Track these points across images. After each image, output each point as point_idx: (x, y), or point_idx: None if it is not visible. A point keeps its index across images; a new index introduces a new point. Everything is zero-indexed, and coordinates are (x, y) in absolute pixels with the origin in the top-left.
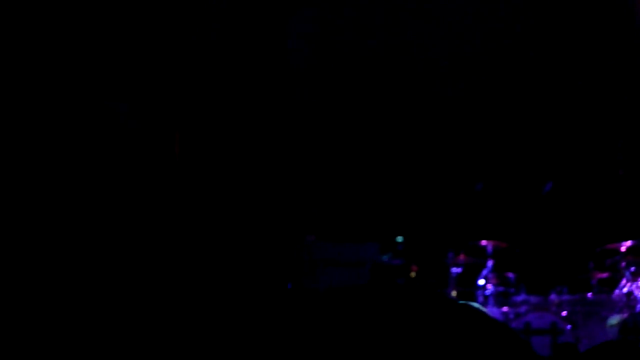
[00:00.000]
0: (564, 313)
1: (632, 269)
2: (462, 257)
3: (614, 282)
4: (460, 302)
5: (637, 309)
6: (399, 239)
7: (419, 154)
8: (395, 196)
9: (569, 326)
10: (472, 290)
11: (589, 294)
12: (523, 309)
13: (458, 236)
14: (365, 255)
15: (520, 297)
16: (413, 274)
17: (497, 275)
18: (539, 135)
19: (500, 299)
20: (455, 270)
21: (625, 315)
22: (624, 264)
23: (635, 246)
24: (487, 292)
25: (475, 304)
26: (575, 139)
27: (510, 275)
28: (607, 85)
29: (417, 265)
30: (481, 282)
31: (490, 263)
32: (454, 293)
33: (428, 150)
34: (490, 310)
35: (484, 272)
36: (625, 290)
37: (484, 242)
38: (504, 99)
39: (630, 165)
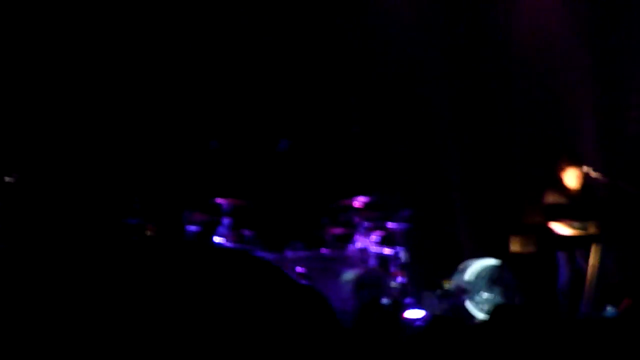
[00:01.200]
0: (300, 269)
1: (366, 224)
2: (198, 215)
3: (349, 238)
4: None
5: (371, 264)
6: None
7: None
8: (128, 155)
9: (305, 281)
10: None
11: (324, 250)
12: None
13: (194, 194)
14: None
15: (258, 254)
16: (149, 233)
17: (234, 232)
18: (274, 92)
19: None
20: (191, 228)
21: (360, 270)
22: (357, 219)
23: (369, 202)
24: None
25: None
26: (308, 96)
27: (247, 232)
28: (335, 43)
29: (153, 224)
30: (218, 239)
31: (226, 220)
32: None
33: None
34: None
35: (221, 229)
36: (359, 245)
37: (219, 200)
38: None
39: (364, 123)
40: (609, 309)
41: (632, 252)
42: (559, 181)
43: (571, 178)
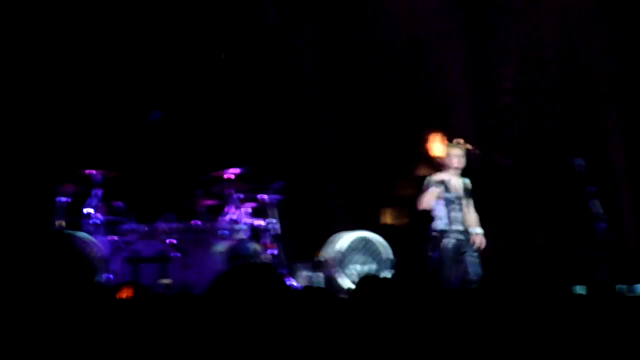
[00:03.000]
0: (172, 241)
1: (238, 196)
2: (69, 186)
3: (220, 210)
4: (67, 231)
5: (243, 236)
6: None
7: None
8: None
9: (177, 254)
10: (79, 220)
11: (196, 222)
12: (131, 237)
13: (64, 165)
14: None
15: (129, 226)
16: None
17: (106, 204)
18: (145, 63)
19: (109, 227)
20: (61, 199)
21: (232, 242)
22: (229, 191)
23: (241, 174)
24: (96, 221)
25: (82, 234)
26: (179, 66)
27: (119, 203)
28: (207, 13)
29: (21, 195)
30: (89, 211)
31: (98, 192)
32: (61, 223)
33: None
34: (99, 240)
35: (92, 201)
36: (231, 217)
37: (90, 171)
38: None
39: (235, 94)
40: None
41: (505, 223)
42: (428, 154)
43: (443, 151)
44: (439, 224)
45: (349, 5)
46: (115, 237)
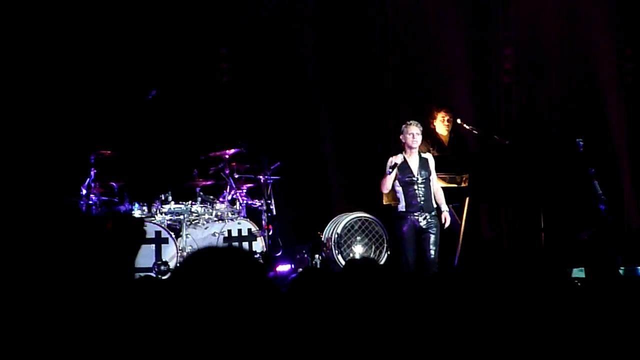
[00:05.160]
0: (168, 222)
1: (236, 176)
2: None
3: (219, 190)
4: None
5: (242, 216)
6: None
7: None
8: None
9: (172, 235)
10: (77, 200)
11: (194, 203)
12: None
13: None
14: None
15: (123, 207)
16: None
17: (100, 184)
18: (141, 42)
19: (103, 208)
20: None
21: (230, 223)
22: (228, 171)
23: (238, 153)
24: (91, 202)
25: None
26: (177, 46)
27: (114, 184)
28: None
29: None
30: (84, 191)
31: (93, 172)
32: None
33: None
34: None
35: (87, 180)
36: (229, 198)
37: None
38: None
39: (233, 73)
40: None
41: (503, 206)
42: (432, 133)
43: (441, 126)
44: (399, 206)
45: None
46: None
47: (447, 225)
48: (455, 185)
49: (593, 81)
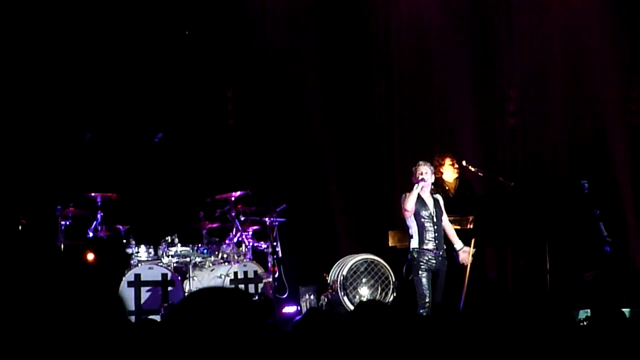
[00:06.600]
0: (174, 264)
1: (242, 218)
2: (71, 209)
3: (225, 232)
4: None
5: (248, 259)
6: None
7: None
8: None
9: (179, 277)
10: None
11: (200, 245)
12: (133, 261)
13: (67, 188)
14: None
15: (130, 249)
16: (21, 227)
17: (107, 227)
18: (148, 85)
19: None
20: (64, 222)
21: (236, 265)
22: (234, 213)
23: (244, 196)
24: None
25: None
26: (184, 89)
27: (120, 227)
28: (212, 37)
29: (25, 217)
30: (91, 234)
31: (99, 215)
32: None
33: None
34: None
35: (94, 223)
36: (235, 240)
37: (93, 194)
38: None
39: (240, 116)
40: None
41: (509, 247)
42: (438, 181)
43: (449, 173)
44: (412, 242)
45: (356, 32)
46: None
47: (468, 263)
48: (460, 227)
49: (598, 122)
